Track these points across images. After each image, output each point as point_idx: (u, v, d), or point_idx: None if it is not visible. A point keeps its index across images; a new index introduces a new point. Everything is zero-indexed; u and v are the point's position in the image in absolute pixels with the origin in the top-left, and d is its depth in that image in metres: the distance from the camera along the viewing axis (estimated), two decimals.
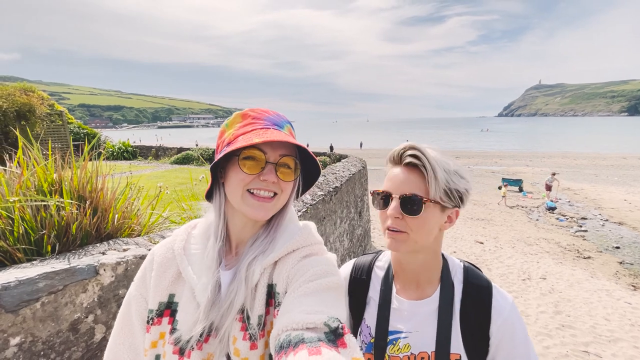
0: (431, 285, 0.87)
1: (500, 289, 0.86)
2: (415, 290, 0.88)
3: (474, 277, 0.87)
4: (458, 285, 0.86)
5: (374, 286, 0.94)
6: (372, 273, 0.96)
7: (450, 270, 0.88)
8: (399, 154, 0.82)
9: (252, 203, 0.71)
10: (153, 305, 0.73)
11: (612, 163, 27.33)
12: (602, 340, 4.75)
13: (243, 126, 0.73)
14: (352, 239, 5.30)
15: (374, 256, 1.00)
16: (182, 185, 6.96)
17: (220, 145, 0.75)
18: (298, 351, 0.49)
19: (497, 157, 34.56)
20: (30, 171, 1.60)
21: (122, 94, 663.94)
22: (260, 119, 0.74)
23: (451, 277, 0.87)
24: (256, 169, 0.70)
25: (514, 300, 0.85)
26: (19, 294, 1.07)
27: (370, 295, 0.93)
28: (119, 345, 0.76)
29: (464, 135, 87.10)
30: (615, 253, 8.96)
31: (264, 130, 0.72)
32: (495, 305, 0.82)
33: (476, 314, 0.82)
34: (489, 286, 0.85)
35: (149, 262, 0.78)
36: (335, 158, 11.67)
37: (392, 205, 0.80)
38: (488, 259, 8.07)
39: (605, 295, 6.25)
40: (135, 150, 17.41)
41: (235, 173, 0.71)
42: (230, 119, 0.77)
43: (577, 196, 15.68)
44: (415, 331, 0.84)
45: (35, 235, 1.42)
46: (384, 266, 0.95)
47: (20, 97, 8.24)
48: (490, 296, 0.83)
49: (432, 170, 0.76)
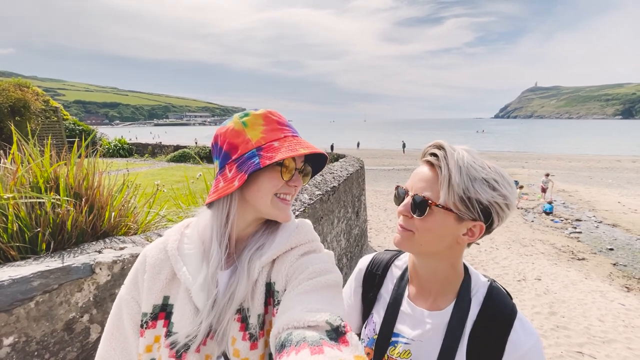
0: (446, 299, 0.82)
1: (526, 322, 0.76)
2: (428, 300, 0.83)
3: (497, 300, 0.79)
4: (476, 305, 0.78)
5: (388, 284, 0.92)
6: (388, 270, 0.94)
7: (471, 287, 0.81)
8: (425, 150, 0.76)
9: (281, 207, 0.74)
10: (147, 309, 0.71)
11: (607, 165, 27.60)
12: (596, 341, 4.79)
13: (271, 131, 0.72)
14: (349, 239, 5.30)
15: (395, 254, 0.97)
16: (179, 184, 6.92)
17: (242, 145, 0.70)
18: (300, 350, 0.48)
19: (492, 158, 34.55)
20: (25, 167, 1.58)
21: (119, 90, 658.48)
22: (285, 125, 0.75)
23: (470, 295, 0.80)
24: (288, 175, 0.73)
25: (539, 338, 0.75)
26: (13, 293, 1.05)
27: (382, 293, 0.91)
28: (110, 350, 0.73)
29: (460, 137, 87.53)
30: (609, 255, 9.04)
31: (294, 138, 0.73)
32: (514, 339, 0.73)
33: (489, 342, 0.74)
34: (512, 315, 0.76)
35: (140, 264, 0.76)
36: (333, 158, 11.67)
37: (404, 202, 0.77)
38: (484, 259, 8.11)
39: (599, 297, 6.30)
40: (132, 147, 17.28)
41: (269, 178, 0.71)
42: (249, 119, 0.73)
43: (572, 198, 15.81)
44: (419, 341, 0.81)
45: (29, 233, 1.39)
46: (402, 266, 0.92)
47: (15, 92, 8.13)
48: (511, 326, 0.74)
49: (449, 173, 0.69)
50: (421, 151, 0.78)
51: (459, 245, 0.77)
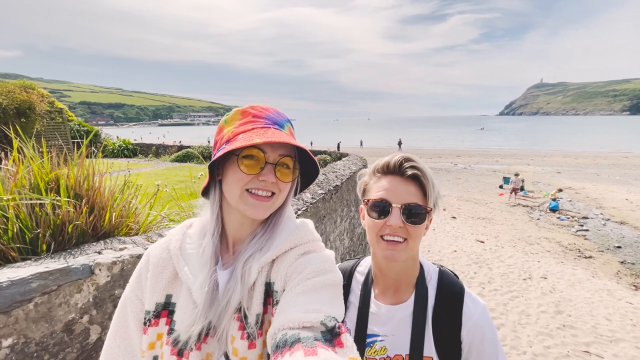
0: (407, 291, 0.91)
1: (473, 295, 0.89)
2: (393, 295, 0.92)
3: (448, 282, 0.90)
4: (432, 290, 0.89)
5: (354, 291, 0.97)
6: (352, 278, 1.00)
7: (425, 276, 0.91)
8: (397, 165, 0.84)
9: (250, 202, 0.71)
10: (150, 307, 0.72)
11: (614, 162, 27.24)
12: (603, 340, 4.73)
13: (243, 124, 0.72)
14: (353, 238, 5.28)
15: (356, 262, 1.05)
16: (181, 184, 6.94)
17: (219, 142, 0.74)
18: (294, 351, 0.48)
19: (498, 156, 34.49)
20: (26, 169, 1.58)
21: (123, 91, 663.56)
22: (260, 117, 0.73)
23: (426, 283, 0.90)
24: (255, 169, 0.69)
25: (486, 306, 0.88)
26: (12, 295, 1.05)
27: (351, 300, 0.97)
28: (115, 348, 0.75)
29: (463, 134, 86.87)
30: (617, 253, 8.93)
31: (264, 129, 0.70)
32: (466, 311, 0.85)
33: (448, 318, 0.85)
34: (461, 292, 0.88)
35: (144, 263, 0.77)
36: (336, 156, 11.64)
37: (394, 214, 0.82)
38: (489, 258, 8.05)
39: (606, 295, 6.22)
40: (136, 147, 17.39)
41: (233, 172, 0.70)
42: (230, 115, 0.75)
43: (579, 195, 15.63)
44: (391, 335, 0.87)
45: (30, 234, 1.39)
46: (364, 271, 0.99)
47: (20, 94, 8.22)
48: (462, 301, 0.86)
49: (431, 182, 0.82)
50: (382, 165, 0.87)
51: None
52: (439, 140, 66.92)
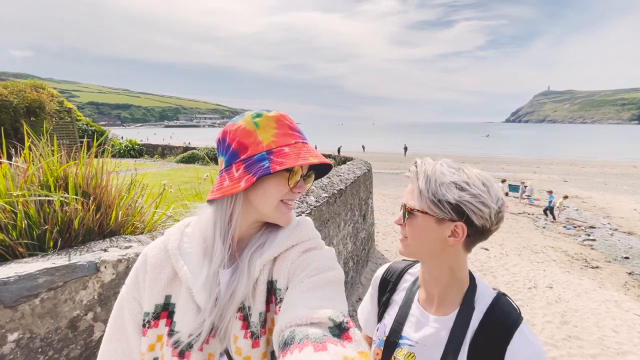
0: (451, 305, 0.85)
1: (528, 334, 0.77)
2: (434, 305, 0.88)
3: (500, 311, 0.80)
4: (479, 314, 0.81)
5: (400, 290, 0.98)
6: (401, 278, 1.01)
7: (475, 296, 0.84)
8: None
9: (284, 211, 0.74)
10: (149, 308, 0.71)
11: (622, 172, 26.88)
12: (610, 352, 4.63)
13: (283, 135, 0.71)
14: (356, 242, 5.26)
15: (409, 264, 1.05)
16: (186, 184, 6.98)
17: (251, 146, 0.69)
18: (303, 347, 0.48)
19: (504, 163, 34.21)
20: (36, 166, 1.60)
21: (131, 92, 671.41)
22: (295, 130, 0.75)
23: (474, 303, 0.82)
24: (295, 182, 0.73)
25: (542, 351, 0.75)
26: (18, 290, 1.06)
27: (395, 298, 0.98)
28: (112, 351, 0.73)
29: (468, 141, 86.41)
30: (625, 263, 8.78)
31: (304, 145, 0.73)
32: (512, 348, 0.74)
33: (489, 351, 0.76)
34: (513, 326, 0.77)
35: (141, 264, 0.76)
36: (340, 160, 11.64)
37: (400, 213, 0.87)
38: (493, 265, 7.95)
39: (613, 306, 6.11)
40: (142, 148, 17.56)
41: (276, 184, 0.71)
42: (262, 120, 0.71)
43: (586, 204, 15.43)
44: (423, 344, 0.84)
45: (38, 231, 1.41)
46: (414, 273, 0.99)
47: (31, 93, 8.37)
48: (510, 337, 0.75)
49: (417, 182, 0.82)
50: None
51: (450, 247, 0.81)
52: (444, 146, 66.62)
